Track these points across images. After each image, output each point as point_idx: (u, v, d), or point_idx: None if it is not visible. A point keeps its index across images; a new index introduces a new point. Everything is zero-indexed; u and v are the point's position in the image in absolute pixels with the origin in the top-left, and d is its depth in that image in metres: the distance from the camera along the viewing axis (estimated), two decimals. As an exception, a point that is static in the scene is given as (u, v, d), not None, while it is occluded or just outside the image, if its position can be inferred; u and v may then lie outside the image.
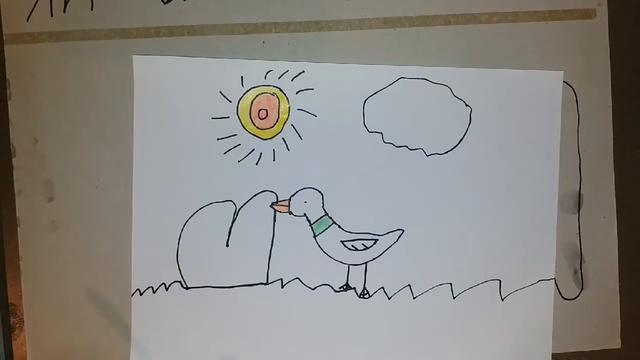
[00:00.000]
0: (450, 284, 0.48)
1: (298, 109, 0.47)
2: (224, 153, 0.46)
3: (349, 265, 0.47)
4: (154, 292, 0.47)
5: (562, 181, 0.48)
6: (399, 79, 0.47)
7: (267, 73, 0.46)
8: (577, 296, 0.48)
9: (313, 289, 0.47)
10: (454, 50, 0.47)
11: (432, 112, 0.47)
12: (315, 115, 0.47)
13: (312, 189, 0.47)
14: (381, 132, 0.47)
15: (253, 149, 0.47)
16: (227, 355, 0.47)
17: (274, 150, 0.47)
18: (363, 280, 0.47)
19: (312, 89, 0.46)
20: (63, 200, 0.47)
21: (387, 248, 0.47)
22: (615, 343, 0.49)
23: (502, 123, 0.47)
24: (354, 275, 0.47)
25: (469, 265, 0.48)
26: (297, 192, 0.47)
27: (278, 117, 0.47)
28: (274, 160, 0.47)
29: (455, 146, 0.47)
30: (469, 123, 0.47)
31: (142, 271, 0.47)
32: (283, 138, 0.47)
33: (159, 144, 0.46)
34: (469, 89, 0.47)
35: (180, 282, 0.47)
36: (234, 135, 0.46)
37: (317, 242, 0.47)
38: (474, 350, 0.48)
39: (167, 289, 0.47)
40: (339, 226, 0.47)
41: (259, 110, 0.46)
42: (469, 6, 0.47)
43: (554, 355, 0.48)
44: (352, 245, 0.47)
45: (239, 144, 0.46)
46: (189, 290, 0.47)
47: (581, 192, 0.48)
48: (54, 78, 0.46)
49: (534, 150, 0.48)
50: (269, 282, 0.47)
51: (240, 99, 0.46)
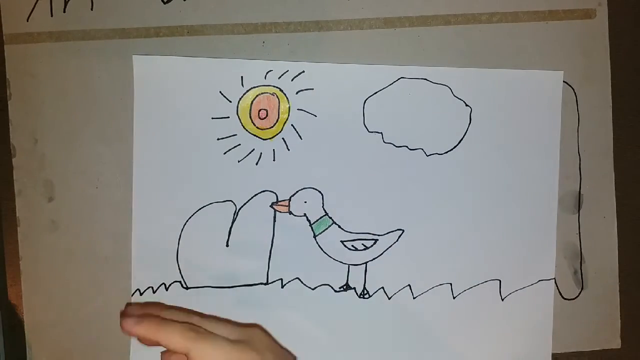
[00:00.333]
0: (450, 284, 0.48)
1: (298, 109, 0.47)
2: (224, 153, 0.46)
3: (349, 265, 0.47)
4: (154, 292, 0.47)
5: (562, 181, 0.48)
6: (399, 79, 0.47)
7: (267, 73, 0.46)
8: (577, 296, 0.48)
9: (313, 289, 0.47)
10: (454, 50, 0.47)
11: (432, 112, 0.47)
12: (315, 115, 0.47)
13: (312, 189, 0.47)
14: (381, 132, 0.47)
15: (253, 149, 0.47)
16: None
17: (274, 150, 0.47)
18: (363, 280, 0.47)
19: (312, 89, 0.46)
20: (63, 200, 0.47)
21: (387, 248, 0.47)
22: (615, 343, 0.49)
23: (502, 123, 0.47)
24: (354, 275, 0.47)
25: (469, 265, 0.48)
26: (297, 192, 0.47)
27: (278, 117, 0.47)
28: (274, 160, 0.47)
29: (455, 146, 0.47)
30: (469, 123, 0.47)
31: (142, 271, 0.46)
32: (283, 138, 0.47)
33: (159, 144, 0.46)
34: (469, 89, 0.47)
35: (180, 282, 0.47)
36: (234, 135, 0.46)
37: (317, 242, 0.47)
38: (474, 350, 0.48)
39: (167, 289, 0.47)
40: (339, 226, 0.47)
41: (259, 110, 0.46)
42: (469, 6, 0.47)
43: (554, 355, 0.48)
44: (352, 245, 0.47)
45: (239, 144, 0.46)
46: (189, 290, 0.47)
47: (581, 192, 0.48)
48: (54, 78, 0.46)
49: (534, 150, 0.48)
50: (269, 282, 0.47)
51: (240, 99, 0.46)
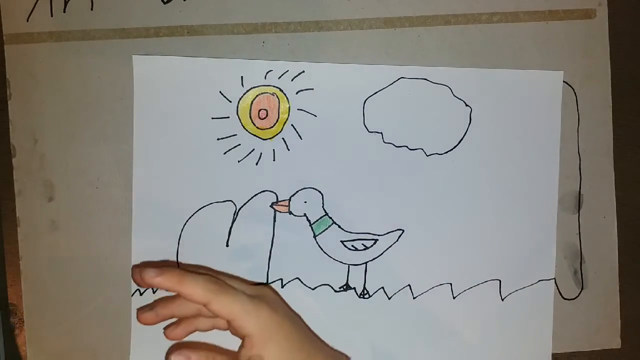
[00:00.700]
0: (450, 284, 0.48)
1: (298, 109, 0.46)
2: (224, 153, 0.46)
3: (349, 265, 0.47)
4: (154, 292, 0.47)
5: (562, 181, 0.48)
6: (399, 79, 0.47)
7: (267, 73, 0.46)
8: (577, 296, 0.48)
9: (313, 289, 0.47)
10: (454, 50, 0.47)
11: (432, 112, 0.47)
12: (315, 115, 0.47)
13: (312, 189, 0.47)
14: (381, 132, 0.47)
15: (253, 149, 0.47)
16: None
17: (274, 150, 0.47)
18: (363, 280, 0.47)
19: (312, 89, 0.46)
20: (63, 200, 0.47)
21: (387, 248, 0.47)
22: (615, 343, 0.49)
23: (502, 123, 0.47)
24: (354, 275, 0.47)
25: (469, 265, 0.48)
26: (297, 192, 0.47)
27: (278, 117, 0.47)
28: (274, 160, 0.47)
29: (455, 146, 0.47)
30: (469, 123, 0.47)
31: (142, 271, 0.46)
32: (283, 138, 0.47)
33: (158, 144, 0.46)
34: (469, 89, 0.47)
35: (180, 282, 0.47)
36: (234, 135, 0.46)
37: (317, 242, 0.47)
38: (474, 350, 0.48)
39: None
40: (339, 226, 0.47)
41: (259, 110, 0.46)
42: (469, 6, 0.47)
43: (554, 355, 0.48)
44: (352, 245, 0.47)
45: (239, 144, 0.46)
46: (189, 290, 0.47)
47: (581, 192, 0.48)
48: (54, 78, 0.46)
49: (534, 150, 0.48)
50: (269, 282, 0.47)
51: (240, 99, 0.46)
